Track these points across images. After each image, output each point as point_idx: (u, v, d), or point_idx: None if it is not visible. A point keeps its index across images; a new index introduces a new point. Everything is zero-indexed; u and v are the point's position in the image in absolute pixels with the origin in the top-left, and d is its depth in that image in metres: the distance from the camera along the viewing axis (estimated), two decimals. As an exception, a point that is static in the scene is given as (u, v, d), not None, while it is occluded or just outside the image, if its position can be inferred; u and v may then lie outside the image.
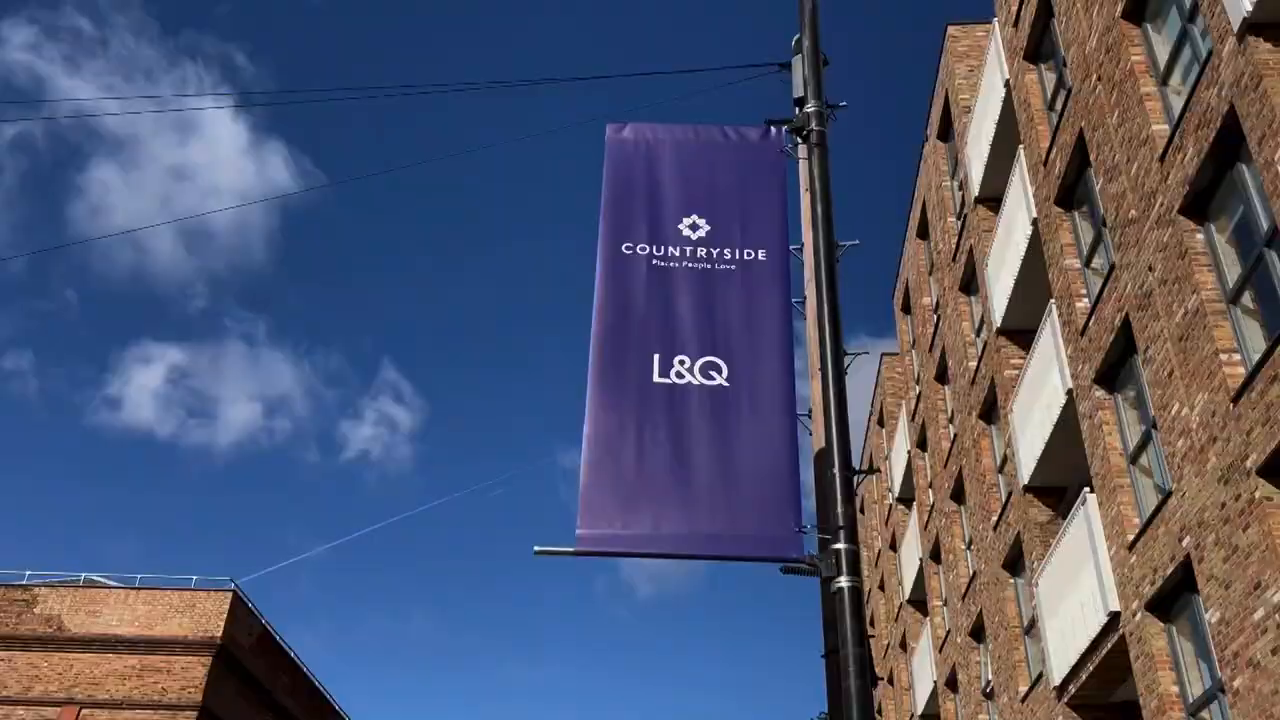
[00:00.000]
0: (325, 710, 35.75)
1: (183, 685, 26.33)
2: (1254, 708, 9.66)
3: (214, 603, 27.60)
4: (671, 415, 5.50)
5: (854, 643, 4.58)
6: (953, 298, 22.78)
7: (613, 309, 5.88)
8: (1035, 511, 17.23)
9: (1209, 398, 10.69)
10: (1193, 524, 11.04)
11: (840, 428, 5.28)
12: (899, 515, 31.81)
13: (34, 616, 27.10)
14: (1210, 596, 10.65)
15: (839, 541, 4.86)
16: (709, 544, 5.16)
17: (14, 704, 25.93)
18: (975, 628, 21.16)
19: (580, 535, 5.20)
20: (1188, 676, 11.80)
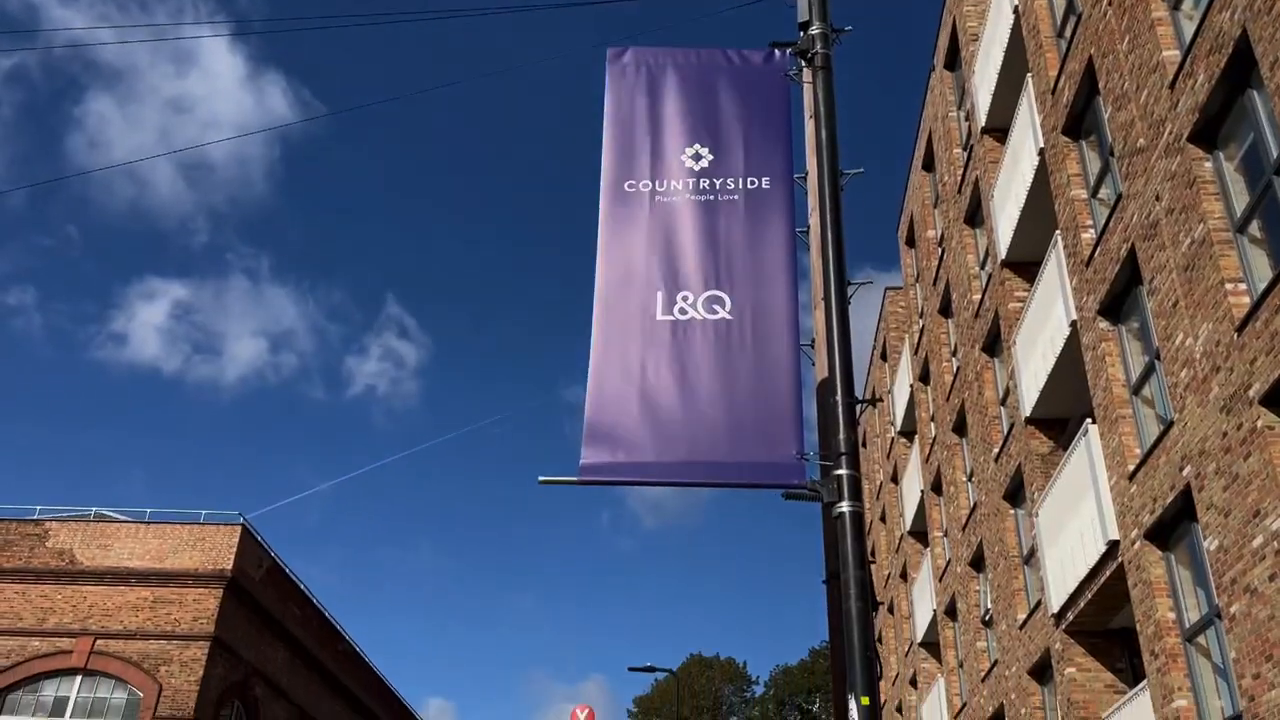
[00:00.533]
0: (335, 640, 36.41)
1: (195, 617, 26.78)
2: (1250, 633, 9.80)
3: (223, 537, 27.94)
4: (675, 350, 5.50)
5: (855, 565, 4.62)
6: (957, 230, 22.63)
7: (615, 249, 5.85)
8: (1037, 443, 17.32)
9: (1213, 327, 10.66)
10: (1194, 453, 11.09)
11: (843, 356, 5.28)
12: (900, 448, 32.00)
13: (46, 550, 27.47)
14: (1209, 525, 10.75)
15: (840, 468, 4.89)
16: (712, 472, 5.19)
17: (29, 635, 26.41)
18: (975, 557, 21.41)
19: (584, 465, 5.23)
20: (1185, 603, 11.96)
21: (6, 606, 27.04)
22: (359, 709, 39.36)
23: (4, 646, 26.54)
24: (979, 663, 21.02)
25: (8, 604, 27.08)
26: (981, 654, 21.04)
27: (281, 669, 31.62)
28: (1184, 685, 11.67)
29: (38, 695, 26.34)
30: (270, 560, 30.44)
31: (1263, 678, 9.54)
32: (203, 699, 26.21)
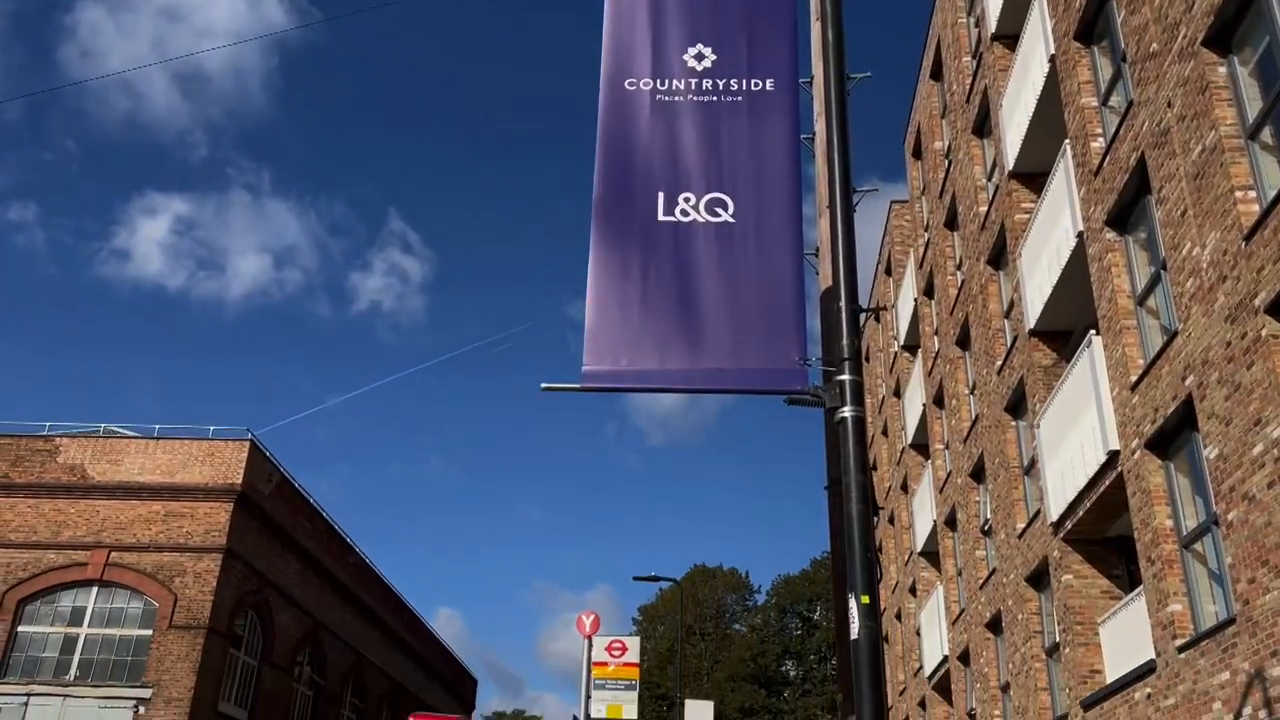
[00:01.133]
0: (346, 551, 37.09)
1: (207, 529, 27.23)
2: (1246, 539, 9.94)
3: (232, 451, 28.25)
4: (677, 253, 5.44)
5: (857, 469, 4.66)
6: (965, 141, 22.32)
7: (616, 148, 5.74)
8: (1040, 355, 17.34)
9: (1221, 236, 10.58)
10: (1197, 363, 11.11)
11: (847, 262, 5.24)
12: (903, 362, 32.08)
13: (57, 466, 27.82)
14: (1210, 433, 10.81)
15: (843, 373, 4.89)
16: (714, 378, 5.18)
17: (45, 548, 26.92)
18: (975, 469, 21.63)
19: (586, 372, 5.22)
20: (1183, 511, 12.11)
21: (21, 520, 27.49)
22: (370, 619, 40.29)
23: (21, 559, 27.06)
24: (978, 571, 21.39)
25: (22, 518, 27.52)
26: (980, 562, 21.40)
27: (294, 580, 32.28)
28: (1179, 590, 11.88)
29: (55, 606, 26.95)
30: (279, 475, 30.82)
31: (1258, 582, 9.70)
32: (217, 609, 26.81)
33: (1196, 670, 11.07)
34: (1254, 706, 9.70)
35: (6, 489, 27.66)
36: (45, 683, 25.94)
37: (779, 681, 55.77)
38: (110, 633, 26.67)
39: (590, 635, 12.12)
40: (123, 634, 26.61)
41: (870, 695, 4.55)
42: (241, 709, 29.21)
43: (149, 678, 25.81)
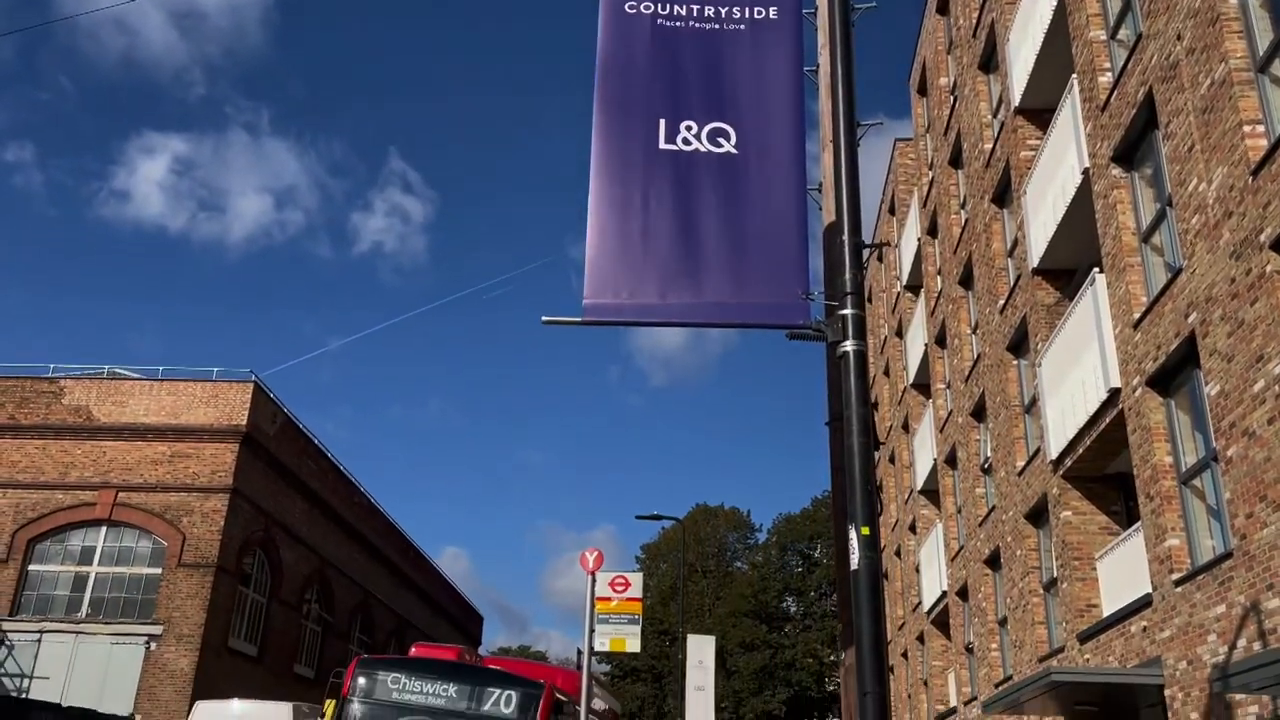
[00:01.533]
0: (351, 491, 37.42)
1: (213, 470, 27.45)
2: (1245, 474, 10.00)
3: (236, 393, 28.36)
4: (678, 183, 5.37)
5: (858, 403, 4.67)
6: (971, 77, 22.01)
7: (616, 73, 5.63)
8: (1043, 294, 17.29)
9: (1228, 171, 10.48)
10: (1200, 300, 11.08)
11: (851, 196, 5.20)
12: (906, 302, 32.02)
13: (63, 407, 27.96)
14: (1212, 370, 10.82)
15: (846, 307, 4.87)
16: (716, 312, 5.16)
17: (53, 488, 27.16)
18: (977, 408, 21.70)
19: (587, 305, 5.18)
20: (1182, 448, 12.17)
21: (28, 462, 27.70)
22: (377, 557, 40.77)
23: (29, 499, 27.31)
24: (977, 508, 21.57)
25: (29, 459, 27.72)
26: (980, 500, 21.57)
27: (300, 519, 32.60)
28: (1177, 526, 11.99)
29: (65, 545, 27.28)
30: (283, 416, 30.97)
31: (1255, 517, 9.78)
32: (225, 548, 27.13)
33: (1192, 603, 11.21)
34: (1249, 638, 9.85)
35: (13, 430, 27.83)
36: (57, 620, 26.35)
37: (779, 617, 56.58)
38: (120, 571, 27.03)
39: (594, 571, 12.25)
40: (132, 572, 26.96)
41: (869, 624, 4.61)
42: (251, 645, 29.71)
43: (159, 615, 26.22)
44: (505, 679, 12.40)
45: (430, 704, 11.92)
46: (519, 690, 11.97)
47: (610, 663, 55.46)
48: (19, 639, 25.99)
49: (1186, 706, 11.35)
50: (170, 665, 25.62)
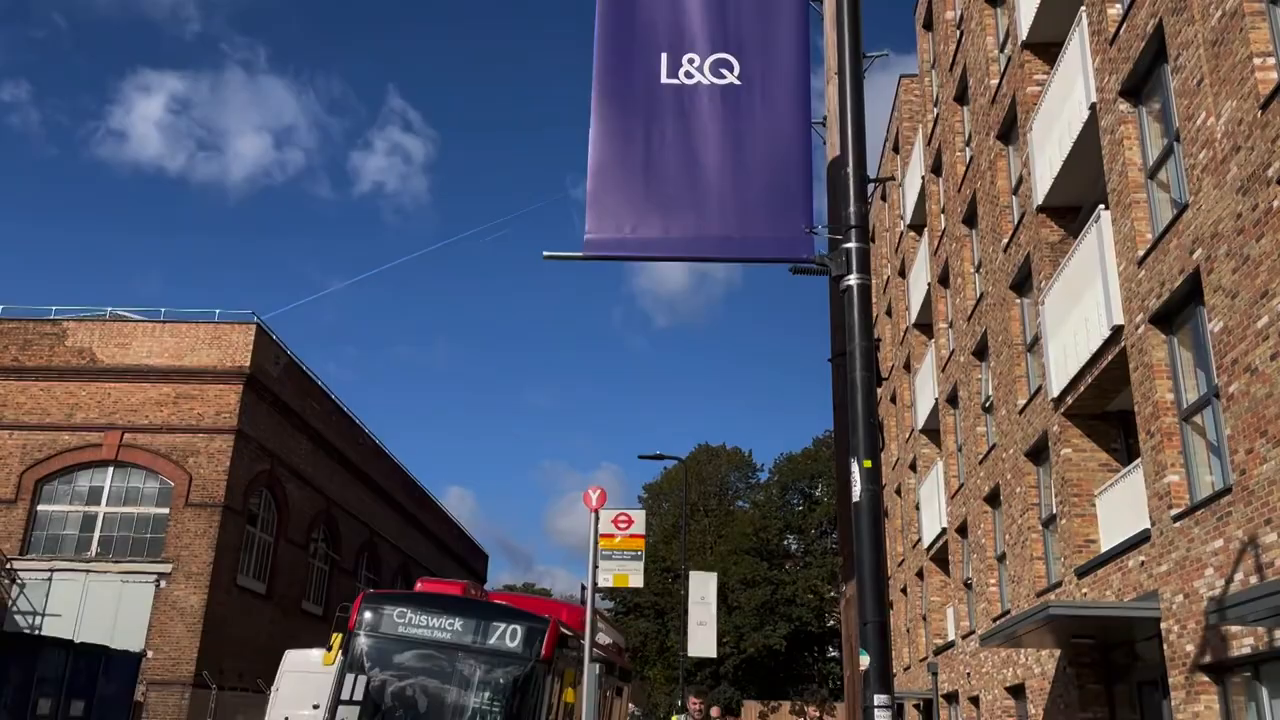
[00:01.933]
0: (355, 432, 37.66)
1: (217, 411, 27.60)
2: (1246, 410, 10.03)
3: (239, 335, 28.40)
4: (681, 116, 5.30)
5: (862, 337, 4.67)
6: (978, 10, 21.63)
7: (617, 6, 5.52)
8: (1047, 232, 17.19)
9: (1237, 105, 10.34)
10: (1206, 236, 11.01)
11: (856, 128, 5.14)
12: (909, 242, 31.85)
13: (66, 349, 28.02)
14: (1215, 307, 10.80)
15: (849, 240, 4.84)
16: (719, 246, 5.13)
17: (59, 429, 27.35)
18: (979, 347, 21.70)
19: (589, 240, 5.14)
20: (1184, 385, 12.19)
21: (33, 403, 27.83)
22: (382, 496, 41.15)
23: (36, 440, 27.50)
24: (977, 446, 21.69)
25: (34, 400, 27.85)
26: (980, 438, 21.67)
27: (305, 460, 32.85)
28: (1177, 462, 12.05)
29: (73, 485, 27.54)
30: (287, 357, 31.04)
31: (1255, 452, 9.83)
32: (231, 488, 27.37)
33: (1190, 538, 11.32)
34: (1246, 572, 9.96)
35: (17, 372, 27.93)
36: (67, 559, 26.71)
37: (780, 554, 57.22)
38: (128, 511, 27.32)
39: (597, 509, 12.35)
40: (140, 512, 27.26)
41: (871, 555, 4.66)
42: (260, 582, 30.13)
43: (168, 553, 26.55)
44: (510, 613, 12.56)
45: (436, 638, 12.10)
46: (524, 624, 12.14)
47: (614, 599, 56.25)
48: (30, 578, 26.37)
49: (1182, 639, 11.52)
50: (180, 603, 26.01)
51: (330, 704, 12.14)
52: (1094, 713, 15.03)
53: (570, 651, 12.84)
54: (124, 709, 19.91)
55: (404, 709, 12.00)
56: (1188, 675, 11.37)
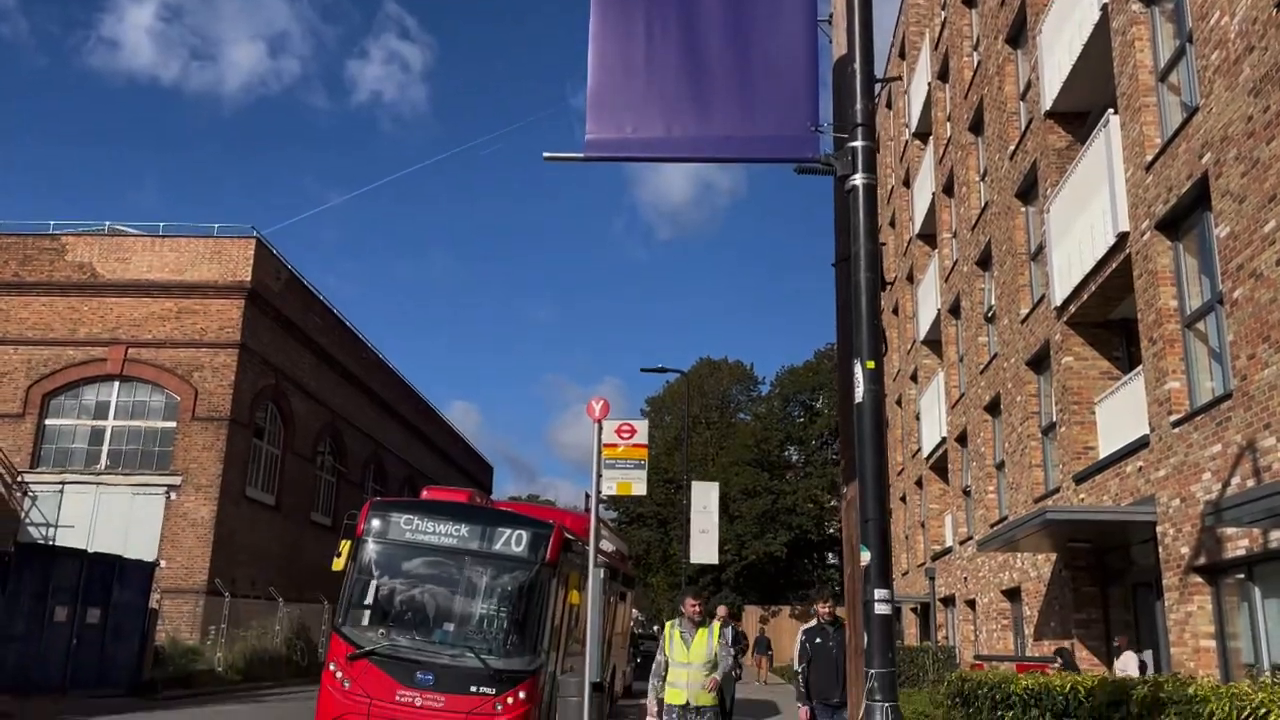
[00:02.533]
0: (359, 346, 37.76)
1: (220, 326, 27.63)
2: (1250, 316, 10.02)
3: (239, 249, 28.28)
4: (683, 13, 5.16)
5: (867, 238, 4.64)
6: (988, -93, 20.97)
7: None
8: (1054, 138, 16.95)
9: (1252, 3, 10.09)
10: (1215, 139, 10.85)
11: (864, 24, 5.02)
12: (914, 151, 31.44)
13: (66, 264, 27.94)
14: (1223, 212, 10.70)
15: (856, 139, 4.77)
16: (723, 146, 5.05)
17: (63, 344, 27.43)
18: (982, 256, 21.60)
19: (589, 140, 5.05)
20: (1188, 291, 12.15)
21: (36, 318, 27.86)
22: (387, 410, 41.45)
23: (40, 355, 27.61)
24: (979, 356, 21.74)
25: (37, 316, 27.88)
26: (982, 348, 21.72)
27: (309, 374, 33.01)
28: (1178, 369, 12.09)
29: (80, 400, 27.74)
30: (287, 271, 30.95)
31: (1257, 358, 9.85)
32: (237, 402, 27.56)
33: (1189, 444, 11.42)
34: (1243, 476, 10.07)
35: (18, 288, 27.91)
36: (77, 472, 27.05)
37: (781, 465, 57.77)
38: (135, 425, 27.56)
39: (600, 419, 12.42)
40: (148, 426, 27.50)
41: (872, 455, 4.70)
42: (269, 494, 30.56)
43: (176, 466, 26.87)
44: (516, 519, 12.74)
45: (442, 543, 12.28)
46: (529, 530, 12.31)
47: (617, 509, 57.07)
48: (41, 490, 26.74)
49: (1177, 542, 11.70)
50: (191, 514, 26.42)
51: (341, 609, 12.40)
52: (1088, 614, 15.37)
53: (575, 556, 13.04)
54: (140, 616, 20.37)
55: (412, 613, 12.26)
56: (1181, 577, 11.59)
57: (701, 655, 8.26)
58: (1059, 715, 8.07)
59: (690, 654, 8.28)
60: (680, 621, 8.48)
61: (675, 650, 8.35)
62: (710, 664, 8.27)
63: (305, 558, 31.42)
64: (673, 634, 8.44)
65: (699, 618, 8.43)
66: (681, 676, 8.24)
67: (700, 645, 8.32)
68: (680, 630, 8.40)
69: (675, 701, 8.23)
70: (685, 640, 8.35)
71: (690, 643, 8.33)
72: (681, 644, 8.34)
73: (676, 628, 8.46)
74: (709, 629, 8.48)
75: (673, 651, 8.36)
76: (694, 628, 8.39)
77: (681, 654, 8.31)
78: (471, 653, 11.66)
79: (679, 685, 8.22)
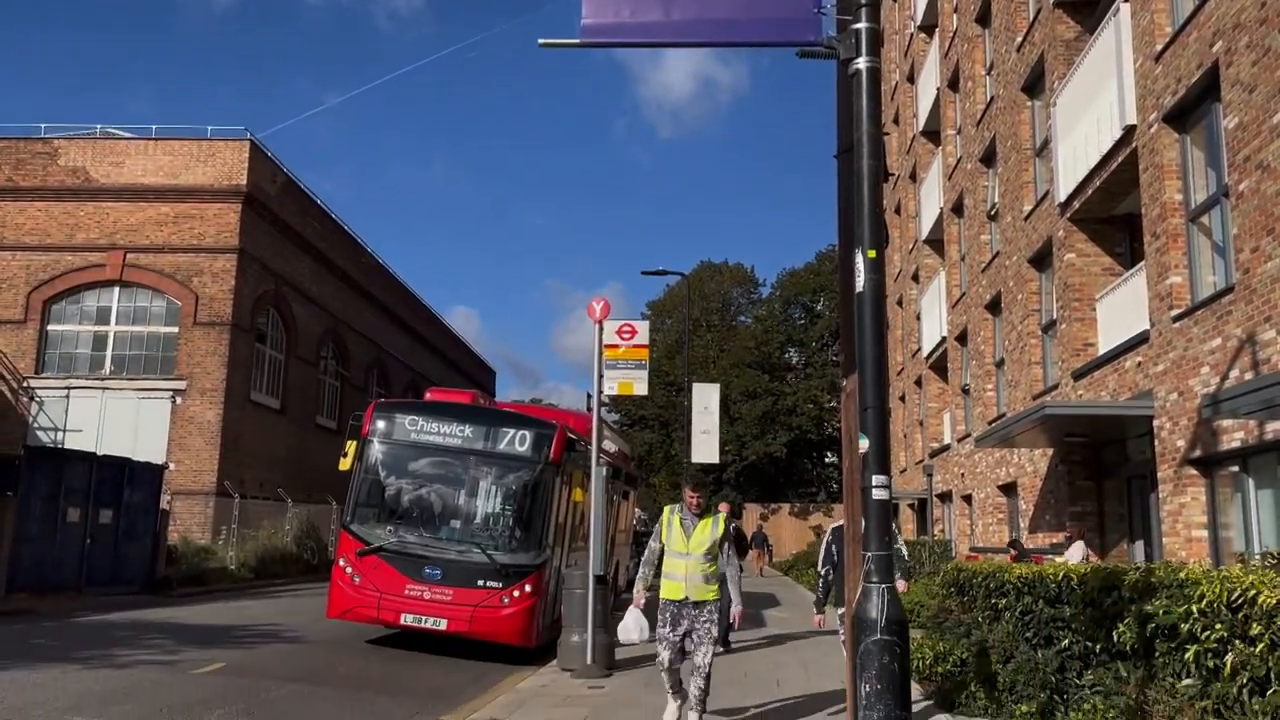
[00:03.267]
0: (358, 251, 37.59)
1: (218, 230, 27.47)
2: (1255, 208, 9.93)
3: (233, 152, 27.93)
4: (683, -111, 4.97)
5: (870, 124, 4.57)
6: None
7: None
8: (1063, 28, 16.56)
9: (1273, -118, 9.74)
10: (1227, 27, 10.60)
11: (867, -99, 4.84)
12: (919, 44, 30.74)
13: (59, 168, 27.62)
14: (1232, 102, 10.52)
15: (860, 20, 4.66)
16: (723, 30, 4.92)
17: (60, 250, 27.31)
18: (986, 153, 21.31)
19: (585, 25, 4.92)
20: (1193, 184, 12.03)
21: (32, 224, 27.68)
22: (389, 316, 41.49)
23: (39, 261, 27.52)
24: (980, 255, 21.64)
25: (33, 221, 27.69)
26: (984, 246, 21.60)
27: (309, 279, 32.94)
28: (1180, 263, 12.04)
29: (81, 305, 27.76)
30: (283, 175, 30.63)
31: (1261, 250, 9.80)
32: (238, 306, 27.59)
33: (1189, 338, 11.45)
34: (1241, 369, 10.12)
35: (13, 193, 27.67)
36: (82, 377, 27.22)
37: (781, 368, 58.06)
38: (138, 330, 27.64)
39: (601, 320, 12.41)
40: (150, 331, 27.58)
41: (873, 345, 4.72)
42: (273, 398, 30.81)
43: (181, 371, 27.03)
44: (519, 419, 12.87)
45: (447, 443, 12.43)
46: (533, 429, 12.45)
47: (619, 411, 57.57)
48: (48, 395, 26.96)
49: (1174, 435, 11.83)
50: (197, 418, 26.68)
51: (349, 507, 12.63)
52: (1083, 506, 15.64)
53: (578, 455, 13.20)
54: (151, 517, 20.74)
55: (419, 511, 12.48)
56: (1176, 470, 11.74)
57: (704, 545, 7.25)
58: (1051, 602, 8.26)
59: (691, 543, 7.24)
60: (681, 507, 7.46)
61: (674, 538, 7.30)
62: (713, 556, 7.28)
63: (312, 460, 31.83)
64: (671, 520, 7.38)
65: (698, 510, 7.39)
66: (679, 568, 7.21)
67: (703, 534, 7.29)
68: (680, 516, 7.37)
69: (672, 596, 7.20)
70: (686, 528, 7.30)
71: (692, 531, 7.29)
72: (681, 532, 7.29)
73: (676, 513, 7.41)
74: (713, 518, 7.44)
75: (670, 539, 7.33)
76: (696, 517, 7.36)
77: (680, 543, 7.26)
78: (478, 549, 11.92)
79: (676, 577, 7.21)
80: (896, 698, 4.16)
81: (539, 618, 11.98)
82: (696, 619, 7.19)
